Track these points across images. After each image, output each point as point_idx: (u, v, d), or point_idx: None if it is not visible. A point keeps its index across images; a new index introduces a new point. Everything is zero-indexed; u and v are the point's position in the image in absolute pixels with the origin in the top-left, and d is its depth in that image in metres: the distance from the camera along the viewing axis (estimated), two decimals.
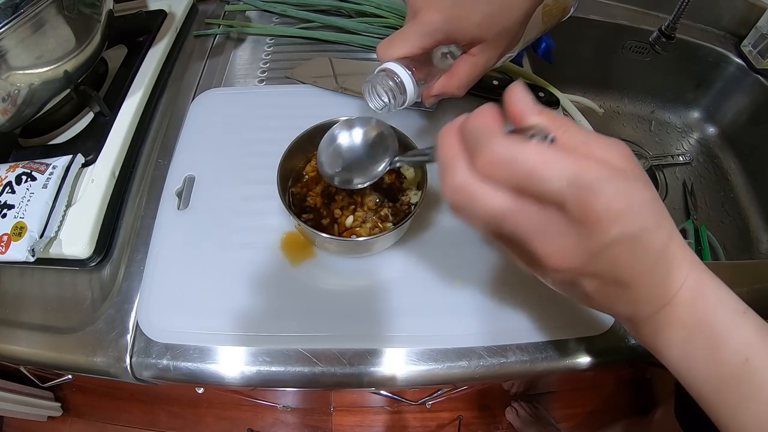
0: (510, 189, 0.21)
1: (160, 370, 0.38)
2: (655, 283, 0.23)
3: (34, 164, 0.44)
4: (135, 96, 0.52)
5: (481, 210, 0.22)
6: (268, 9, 0.65)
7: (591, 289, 0.23)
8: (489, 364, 0.37)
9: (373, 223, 0.40)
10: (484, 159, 0.21)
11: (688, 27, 0.69)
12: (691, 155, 0.76)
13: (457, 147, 0.23)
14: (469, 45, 0.33)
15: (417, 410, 1.11)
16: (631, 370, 1.10)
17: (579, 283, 0.23)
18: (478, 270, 0.40)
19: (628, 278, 0.22)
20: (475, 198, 0.22)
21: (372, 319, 0.38)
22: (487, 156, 0.21)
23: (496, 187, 0.21)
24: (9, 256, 0.39)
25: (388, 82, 0.31)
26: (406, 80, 0.31)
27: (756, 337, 0.23)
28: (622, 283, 0.22)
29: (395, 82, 0.31)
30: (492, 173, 0.21)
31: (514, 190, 0.21)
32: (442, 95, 0.36)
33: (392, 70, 0.31)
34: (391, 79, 0.31)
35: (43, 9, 0.40)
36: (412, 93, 0.32)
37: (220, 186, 0.46)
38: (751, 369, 0.23)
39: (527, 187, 0.20)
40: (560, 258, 0.21)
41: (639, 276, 0.22)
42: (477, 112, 0.23)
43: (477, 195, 0.21)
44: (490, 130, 0.21)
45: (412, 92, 0.32)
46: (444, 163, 0.23)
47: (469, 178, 0.22)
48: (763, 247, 0.65)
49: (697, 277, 0.24)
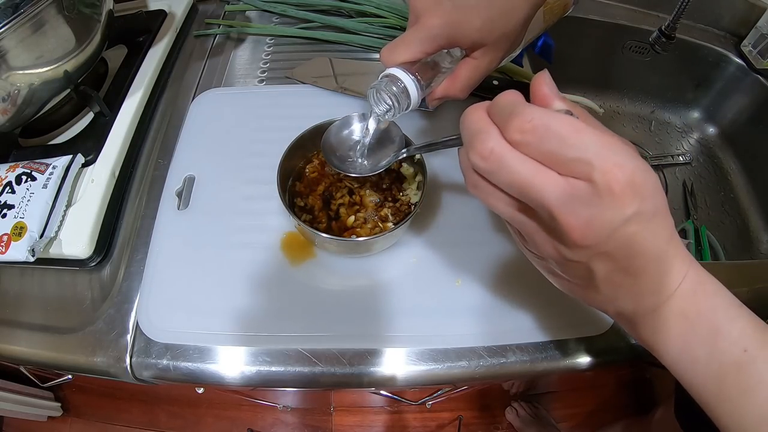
0: (540, 158, 0.21)
1: (160, 370, 0.38)
2: (661, 272, 0.24)
3: (34, 164, 0.44)
4: (135, 96, 0.52)
5: (509, 176, 0.22)
6: (268, 9, 0.65)
7: (602, 275, 0.23)
8: (489, 364, 0.37)
9: (373, 223, 0.40)
10: (517, 125, 0.21)
11: (688, 27, 0.69)
12: (691, 155, 0.76)
13: (487, 119, 0.23)
14: (471, 49, 0.34)
15: (417, 410, 1.11)
16: (631, 370, 1.10)
17: (592, 266, 0.23)
18: (478, 270, 0.40)
19: (641, 262, 0.23)
20: (504, 163, 0.22)
21: (372, 319, 0.38)
22: (520, 122, 0.21)
23: (527, 154, 0.22)
24: (9, 256, 0.39)
25: (392, 87, 0.32)
26: (409, 85, 0.32)
27: (754, 329, 0.24)
28: (630, 271, 0.23)
29: (399, 87, 0.32)
30: (524, 140, 0.21)
31: (544, 160, 0.21)
32: (445, 98, 0.37)
33: (396, 75, 0.32)
34: (394, 85, 0.32)
35: (43, 9, 0.40)
36: (416, 97, 0.33)
37: (220, 186, 0.46)
38: (750, 359, 0.23)
39: (558, 153, 0.21)
40: (582, 231, 0.21)
41: (648, 263, 0.23)
42: (505, 92, 0.23)
43: (506, 160, 0.22)
44: (523, 102, 0.22)
45: (416, 96, 0.33)
46: (474, 131, 0.23)
47: (501, 143, 0.22)
48: (763, 247, 0.65)
49: (697, 271, 0.25)
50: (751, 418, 0.23)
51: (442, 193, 0.45)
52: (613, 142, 0.21)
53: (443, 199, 0.45)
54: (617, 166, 0.20)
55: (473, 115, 0.24)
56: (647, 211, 0.21)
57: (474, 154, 0.23)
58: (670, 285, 0.24)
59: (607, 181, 0.20)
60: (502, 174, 0.22)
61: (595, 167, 0.20)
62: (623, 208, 0.20)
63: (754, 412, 0.23)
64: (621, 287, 0.24)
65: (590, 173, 0.20)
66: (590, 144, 0.20)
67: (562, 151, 0.20)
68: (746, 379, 0.24)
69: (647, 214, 0.21)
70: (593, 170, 0.20)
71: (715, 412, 0.25)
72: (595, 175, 0.20)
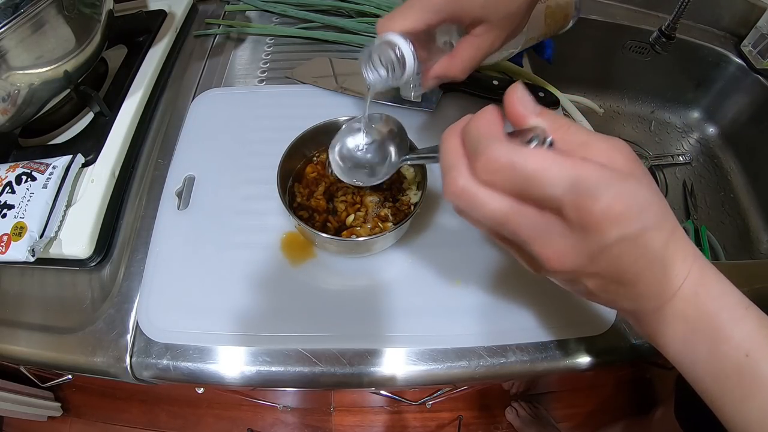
0: (510, 193, 0.21)
1: (160, 370, 0.38)
2: (658, 279, 0.23)
3: (34, 164, 0.44)
4: (135, 96, 0.52)
5: (481, 214, 0.22)
6: (268, 9, 0.65)
7: (593, 287, 0.23)
8: (489, 364, 0.37)
9: (374, 223, 0.40)
10: (483, 164, 0.21)
11: (688, 27, 0.69)
12: (691, 155, 0.76)
13: (459, 151, 0.23)
14: (471, 25, 0.33)
15: (417, 410, 1.11)
16: (631, 369, 1.10)
17: (581, 281, 0.23)
18: (478, 270, 0.40)
19: (631, 276, 0.22)
20: (475, 202, 0.22)
21: (372, 319, 0.38)
22: (486, 162, 0.21)
23: (496, 191, 0.22)
24: (9, 256, 0.39)
25: (388, 52, 0.30)
26: (406, 52, 0.30)
27: (758, 333, 0.24)
28: (623, 282, 0.23)
29: (396, 54, 0.30)
30: (491, 178, 0.21)
31: (514, 195, 0.21)
32: (442, 77, 0.35)
33: (393, 41, 0.30)
34: (392, 50, 0.30)
35: (43, 9, 0.40)
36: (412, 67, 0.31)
37: (220, 186, 0.46)
38: (752, 364, 0.23)
39: (526, 191, 0.21)
40: (559, 260, 0.22)
41: (641, 273, 0.23)
42: (478, 115, 0.23)
43: (477, 199, 0.22)
44: (490, 135, 0.22)
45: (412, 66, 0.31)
46: (446, 167, 0.24)
47: (470, 182, 0.22)
48: (763, 247, 0.65)
49: (700, 271, 0.24)
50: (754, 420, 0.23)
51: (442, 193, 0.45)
52: (585, 170, 0.20)
53: (443, 199, 0.45)
54: (591, 198, 0.19)
55: (446, 143, 0.24)
56: (631, 232, 0.20)
57: (448, 192, 0.23)
58: (670, 288, 0.24)
59: (580, 216, 0.20)
60: (474, 211, 0.22)
61: (564, 204, 0.20)
62: (601, 237, 0.20)
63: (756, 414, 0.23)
64: (616, 293, 0.24)
65: (561, 209, 0.20)
66: (559, 179, 0.20)
67: (531, 190, 0.20)
68: (748, 383, 0.23)
69: (631, 234, 0.20)
70: (563, 207, 0.20)
71: (719, 411, 0.25)
72: (566, 212, 0.20)
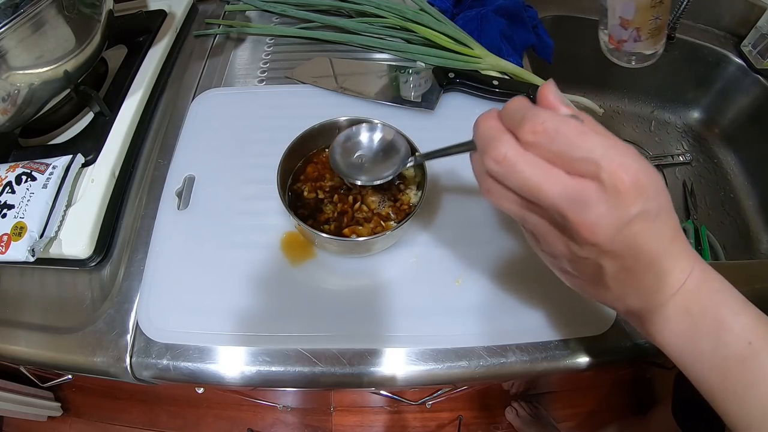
0: (551, 159, 0.22)
1: (160, 370, 0.38)
2: (665, 270, 0.25)
3: (34, 164, 0.44)
4: (135, 96, 0.52)
5: (521, 179, 0.23)
6: (268, 9, 0.65)
7: (610, 273, 0.24)
8: (489, 364, 0.37)
9: (374, 223, 0.40)
10: (530, 128, 0.22)
11: (688, 27, 0.69)
12: (691, 155, 0.76)
13: (500, 126, 0.24)
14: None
15: (417, 410, 1.11)
16: (631, 369, 1.10)
17: (601, 263, 0.24)
18: (479, 270, 0.40)
19: (642, 266, 0.24)
20: (517, 167, 0.23)
21: (372, 319, 0.38)
22: (532, 125, 0.22)
23: (539, 156, 0.23)
24: (9, 256, 0.39)
25: None
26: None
27: (758, 323, 0.25)
28: (636, 270, 0.24)
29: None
30: (535, 141, 0.22)
31: (555, 161, 0.22)
32: None
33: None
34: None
35: (43, 9, 0.40)
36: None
37: (220, 186, 0.46)
38: (754, 352, 0.24)
39: (568, 153, 0.22)
40: (591, 229, 0.22)
41: (652, 262, 0.24)
42: (514, 99, 0.24)
43: (519, 164, 0.23)
44: (534, 106, 0.23)
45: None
46: (488, 137, 0.24)
47: (513, 148, 0.23)
48: (763, 247, 0.65)
49: (702, 269, 0.26)
50: (756, 411, 0.24)
51: (443, 193, 0.45)
52: (617, 144, 0.22)
53: (443, 198, 0.45)
54: (622, 166, 0.21)
55: (486, 123, 0.25)
56: (651, 210, 0.22)
57: (489, 159, 0.24)
58: (674, 283, 0.25)
59: (613, 180, 0.21)
60: (514, 177, 0.23)
61: (602, 167, 0.21)
62: (628, 206, 0.21)
63: (758, 405, 0.24)
64: (628, 285, 0.25)
65: (597, 173, 0.21)
66: (596, 146, 0.21)
67: (571, 152, 0.22)
68: (750, 373, 0.24)
69: (651, 213, 0.22)
70: (600, 170, 0.21)
71: (721, 405, 0.25)
72: (602, 175, 0.21)
